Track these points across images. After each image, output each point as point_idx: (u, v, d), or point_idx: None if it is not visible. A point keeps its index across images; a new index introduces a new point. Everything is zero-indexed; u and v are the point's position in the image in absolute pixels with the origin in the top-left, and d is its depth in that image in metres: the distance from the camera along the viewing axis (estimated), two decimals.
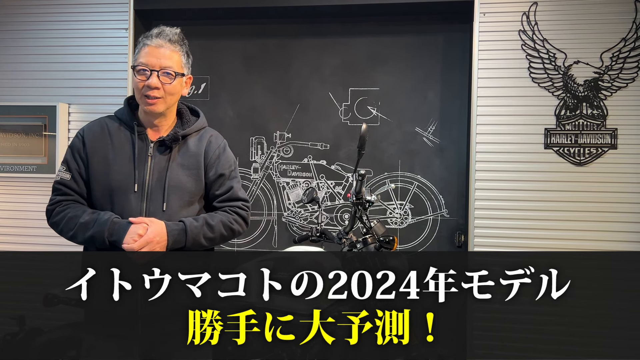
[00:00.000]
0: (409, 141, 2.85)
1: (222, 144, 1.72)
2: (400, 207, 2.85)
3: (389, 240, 2.03)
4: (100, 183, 1.58)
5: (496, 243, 2.59)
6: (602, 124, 2.56)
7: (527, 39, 2.60)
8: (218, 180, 1.67)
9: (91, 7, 2.88)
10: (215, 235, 1.61)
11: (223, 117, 2.97)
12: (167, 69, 1.57)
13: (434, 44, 2.84)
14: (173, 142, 1.61)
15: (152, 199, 1.57)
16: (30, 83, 2.91)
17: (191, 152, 1.65)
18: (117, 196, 1.56)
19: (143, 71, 1.56)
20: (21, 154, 2.88)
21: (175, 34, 1.61)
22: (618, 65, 2.54)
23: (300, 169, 2.94)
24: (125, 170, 1.57)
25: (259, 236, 2.95)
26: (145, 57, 1.56)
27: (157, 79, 1.55)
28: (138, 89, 1.58)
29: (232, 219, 1.65)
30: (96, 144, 1.60)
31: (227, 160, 1.71)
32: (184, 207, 1.61)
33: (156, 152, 1.61)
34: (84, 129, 1.65)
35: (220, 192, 1.68)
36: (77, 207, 1.57)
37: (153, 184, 1.58)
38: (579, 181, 2.56)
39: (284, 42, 2.95)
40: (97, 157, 1.59)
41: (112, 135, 1.61)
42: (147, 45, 1.57)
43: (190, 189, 1.62)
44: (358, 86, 2.89)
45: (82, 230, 1.51)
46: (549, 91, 2.60)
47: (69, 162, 1.61)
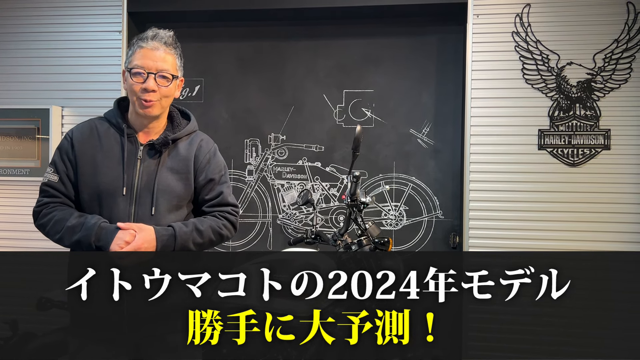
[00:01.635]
0: (403, 143, 2.86)
1: (213, 149, 1.71)
2: (395, 209, 2.85)
3: (384, 242, 2.03)
4: (88, 185, 1.55)
5: (491, 244, 2.59)
6: (595, 124, 2.57)
7: (520, 40, 2.61)
8: (208, 185, 1.66)
9: (84, 9, 2.87)
10: (204, 240, 1.59)
11: (217, 119, 2.96)
12: (164, 72, 1.55)
13: (428, 45, 2.84)
14: (163, 146, 1.60)
15: (140, 203, 1.55)
16: (23, 86, 2.90)
17: (181, 156, 1.63)
18: (105, 199, 1.54)
19: (139, 74, 1.53)
20: (14, 157, 2.86)
21: (170, 37, 1.60)
22: (610, 67, 2.56)
23: (295, 170, 2.93)
24: (113, 173, 1.55)
25: (254, 238, 2.94)
26: (141, 60, 1.54)
27: (154, 82, 1.53)
28: (133, 92, 1.55)
29: (221, 224, 1.64)
30: (85, 146, 1.58)
31: (218, 165, 1.69)
32: (172, 211, 1.59)
33: (146, 155, 1.59)
34: (73, 131, 1.62)
35: (209, 197, 1.66)
36: (64, 209, 1.55)
37: (142, 188, 1.56)
38: (573, 182, 2.57)
39: (278, 44, 2.95)
40: (86, 159, 1.57)
41: (101, 137, 1.59)
42: (143, 47, 1.55)
43: (180, 193, 1.61)
44: (352, 88, 2.89)
45: (69, 234, 1.49)
46: (542, 92, 2.61)
47: (57, 164, 1.59)
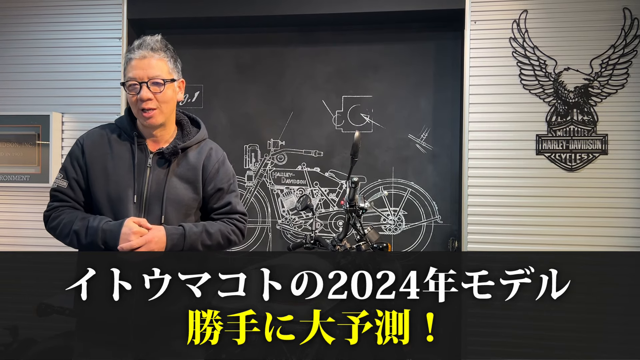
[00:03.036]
0: (402, 148, 2.87)
1: (222, 158, 1.71)
2: (394, 214, 2.86)
3: (383, 247, 2.04)
4: (100, 192, 1.57)
5: (489, 249, 2.60)
6: (592, 129, 2.58)
7: (517, 46, 2.63)
8: (216, 194, 1.67)
9: (85, 16, 2.89)
10: (213, 243, 1.61)
11: (217, 125, 2.98)
12: (155, 79, 1.54)
13: (425, 51, 2.86)
14: (172, 155, 1.60)
15: (150, 211, 1.56)
16: (23, 92, 2.91)
17: (190, 164, 1.64)
18: (117, 206, 1.55)
19: (133, 86, 1.54)
20: (14, 164, 2.87)
21: (157, 41, 1.58)
22: (607, 72, 2.57)
23: (294, 176, 2.94)
24: (124, 180, 1.56)
25: (254, 244, 2.95)
26: (132, 71, 1.54)
27: (147, 90, 1.54)
28: (133, 104, 1.56)
29: (230, 230, 1.66)
30: (95, 152, 1.59)
31: (226, 174, 1.70)
32: (181, 219, 1.60)
33: (155, 164, 1.60)
34: (84, 138, 1.63)
35: (218, 206, 1.68)
36: (71, 212, 1.57)
37: (151, 196, 1.57)
38: (571, 186, 2.58)
39: (277, 50, 2.96)
40: (96, 166, 1.58)
41: (112, 144, 1.60)
42: (132, 59, 1.55)
43: (188, 202, 1.62)
44: (351, 94, 2.91)
45: (77, 238, 1.51)
46: (539, 97, 2.62)
47: (67, 169, 1.60)
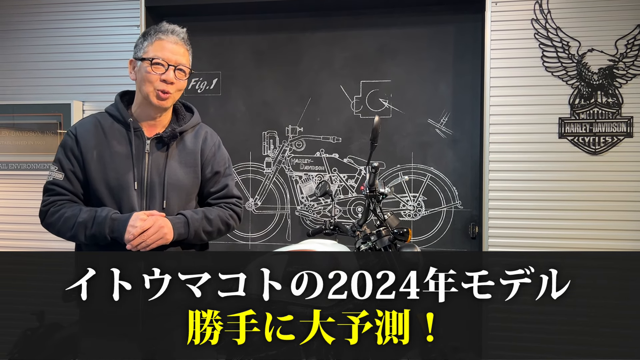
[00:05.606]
0: (421, 133, 2.84)
1: (217, 141, 1.72)
2: (414, 199, 2.85)
3: (403, 232, 2.02)
4: (99, 182, 1.54)
5: (511, 234, 2.57)
6: (617, 112, 2.53)
7: (540, 27, 2.58)
8: (213, 177, 1.67)
9: (103, 4, 2.91)
10: (213, 229, 1.61)
11: (235, 112, 2.98)
12: (182, 66, 1.56)
13: (445, 34, 2.82)
14: (171, 139, 1.59)
15: (151, 197, 1.55)
16: (44, 82, 2.95)
17: (188, 149, 1.63)
18: (118, 194, 1.53)
19: (160, 65, 1.53)
20: (36, 152, 2.91)
21: (185, 34, 1.61)
22: (633, 53, 2.51)
23: (312, 162, 2.94)
24: (123, 168, 1.54)
25: (273, 230, 2.96)
26: (161, 51, 1.53)
27: (173, 74, 1.54)
28: (150, 82, 1.53)
29: (227, 215, 1.66)
30: (90, 141, 1.56)
31: (223, 158, 1.71)
32: (182, 204, 1.60)
33: (154, 148, 1.58)
34: (76, 127, 1.60)
35: (215, 190, 1.67)
36: (72, 206, 1.54)
37: (151, 182, 1.56)
38: (595, 170, 2.53)
39: (294, 36, 2.95)
40: (93, 155, 1.55)
41: (106, 132, 1.58)
42: (162, 39, 1.54)
43: (188, 186, 1.62)
44: (369, 79, 2.88)
45: (82, 229, 1.49)
46: (562, 80, 2.57)
47: (62, 161, 1.56)
